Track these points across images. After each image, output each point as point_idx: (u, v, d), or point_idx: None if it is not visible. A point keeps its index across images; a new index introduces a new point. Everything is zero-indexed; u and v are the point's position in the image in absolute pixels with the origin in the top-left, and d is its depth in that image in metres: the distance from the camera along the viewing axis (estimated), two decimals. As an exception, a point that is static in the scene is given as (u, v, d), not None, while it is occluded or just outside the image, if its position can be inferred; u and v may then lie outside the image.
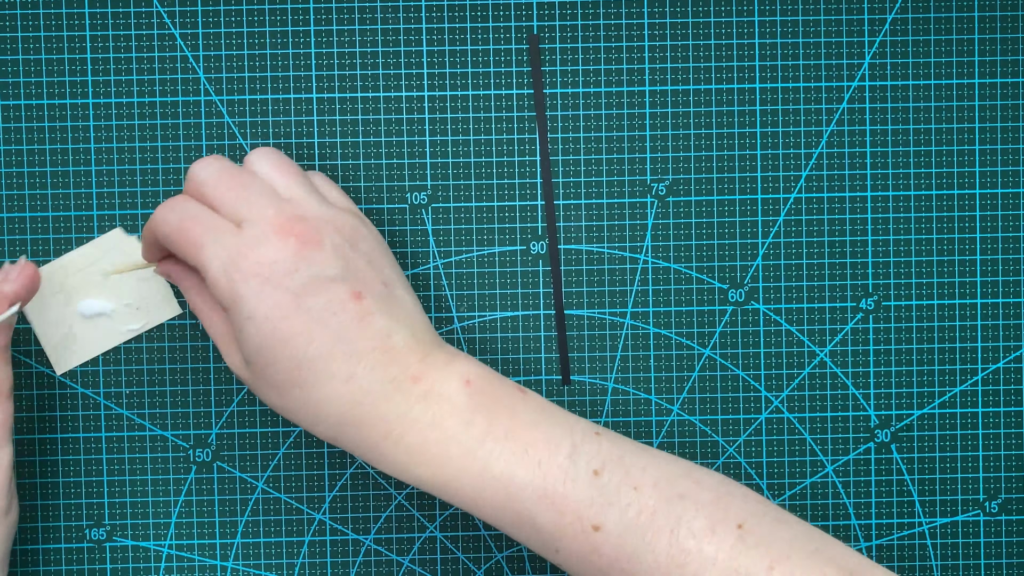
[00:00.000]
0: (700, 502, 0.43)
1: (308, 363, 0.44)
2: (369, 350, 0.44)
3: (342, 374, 0.44)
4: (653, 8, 0.53)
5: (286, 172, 0.47)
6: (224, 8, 0.52)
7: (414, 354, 0.45)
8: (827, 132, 0.53)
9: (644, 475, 0.44)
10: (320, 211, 0.45)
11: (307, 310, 0.44)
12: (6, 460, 0.48)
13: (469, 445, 0.44)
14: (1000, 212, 0.54)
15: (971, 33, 0.53)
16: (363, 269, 0.45)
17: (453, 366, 0.45)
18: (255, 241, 0.44)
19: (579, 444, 0.44)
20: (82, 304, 0.52)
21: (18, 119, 0.52)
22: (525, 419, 0.45)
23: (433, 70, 0.53)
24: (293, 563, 0.54)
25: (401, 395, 0.44)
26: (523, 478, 0.44)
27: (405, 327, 0.45)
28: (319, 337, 0.44)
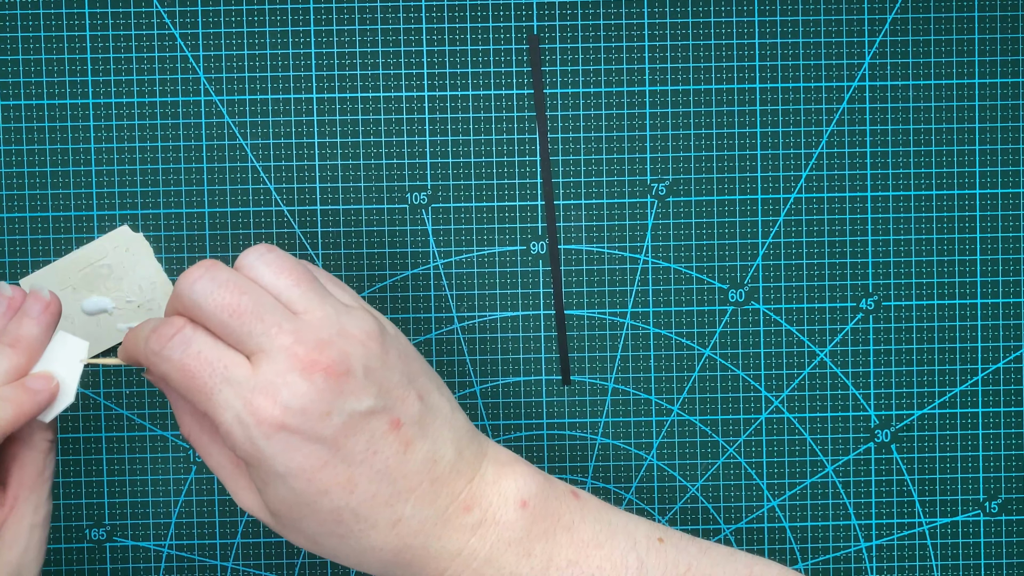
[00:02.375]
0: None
1: (350, 514, 0.39)
2: (415, 487, 0.39)
3: (388, 519, 0.39)
4: (653, 8, 0.53)
5: (292, 276, 0.40)
6: (224, 8, 0.52)
7: (462, 476, 0.40)
8: (827, 132, 0.53)
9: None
10: (341, 324, 0.39)
11: (346, 455, 0.38)
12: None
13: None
14: (1000, 212, 0.54)
15: (971, 33, 0.53)
16: (397, 387, 0.39)
17: (504, 483, 0.41)
18: (275, 385, 0.37)
19: (644, 558, 0.41)
20: (86, 301, 0.52)
21: (18, 119, 0.52)
22: (586, 538, 0.41)
23: (433, 70, 0.53)
24: (293, 563, 0.54)
25: (452, 529, 0.40)
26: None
27: (449, 445, 0.40)
28: (362, 483, 0.38)
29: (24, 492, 0.43)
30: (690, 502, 0.54)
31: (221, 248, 0.53)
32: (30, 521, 0.42)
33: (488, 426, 0.54)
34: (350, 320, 0.39)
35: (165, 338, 0.39)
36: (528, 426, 0.54)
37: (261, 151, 0.53)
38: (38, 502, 0.43)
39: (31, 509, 0.43)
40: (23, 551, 0.42)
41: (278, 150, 0.53)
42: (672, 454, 0.54)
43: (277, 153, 0.53)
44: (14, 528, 0.42)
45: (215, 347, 0.38)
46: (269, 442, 0.37)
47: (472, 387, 0.54)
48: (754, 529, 0.54)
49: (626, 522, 0.42)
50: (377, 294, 0.53)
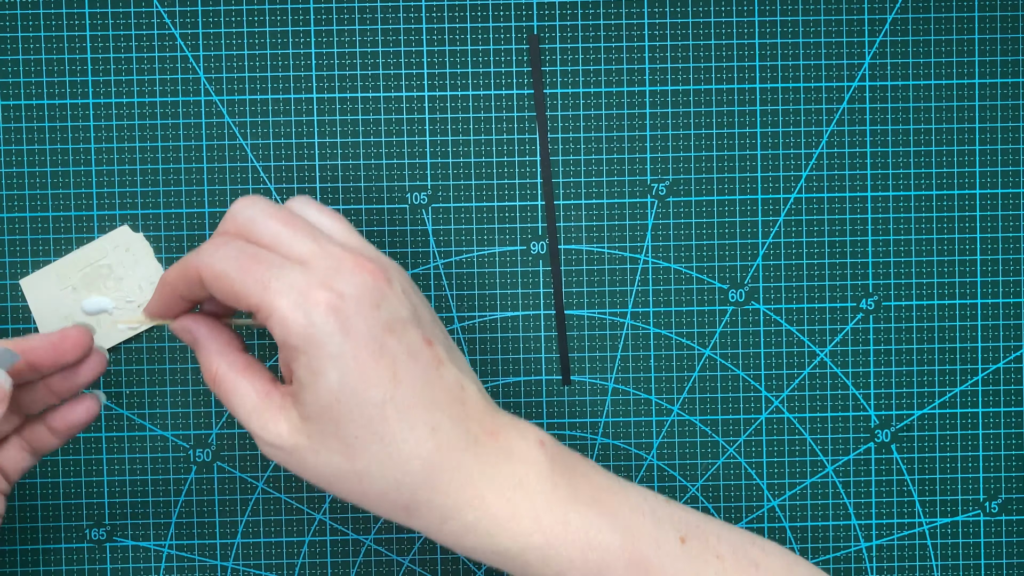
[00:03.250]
0: (773, 570, 0.43)
1: (394, 409, 0.40)
2: (448, 401, 0.41)
3: (428, 424, 0.40)
4: (653, 8, 0.53)
5: (333, 217, 0.43)
6: (224, 8, 0.52)
7: (486, 410, 0.42)
8: (827, 132, 0.53)
9: (721, 543, 0.43)
10: (379, 253, 0.43)
11: (392, 350, 0.40)
12: None
13: (559, 510, 0.41)
14: (1000, 212, 0.54)
15: (971, 33, 0.53)
16: (423, 315, 0.42)
17: (522, 425, 0.43)
18: (330, 273, 0.40)
19: (657, 510, 0.43)
20: (86, 301, 0.52)
21: (18, 119, 0.52)
22: (602, 483, 0.43)
23: (433, 70, 0.53)
24: (293, 563, 0.54)
25: (485, 453, 0.41)
26: (616, 545, 0.41)
27: (471, 381, 0.42)
28: (406, 380, 0.40)
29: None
30: (690, 502, 0.54)
31: (221, 248, 0.53)
32: None
33: (488, 426, 0.54)
34: (381, 256, 0.43)
35: (215, 242, 0.41)
36: (528, 426, 0.54)
37: (261, 151, 0.53)
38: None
39: None
40: None
41: (278, 150, 0.53)
42: (672, 454, 0.54)
43: (277, 153, 0.53)
44: None
45: (267, 249, 0.41)
46: (327, 321, 0.39)
47: (472, 387, 0.54)
48: (754, 529, 0.54)
49: (630, 483, 0.44)
50: (377, 294, 0.53)
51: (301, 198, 0.44)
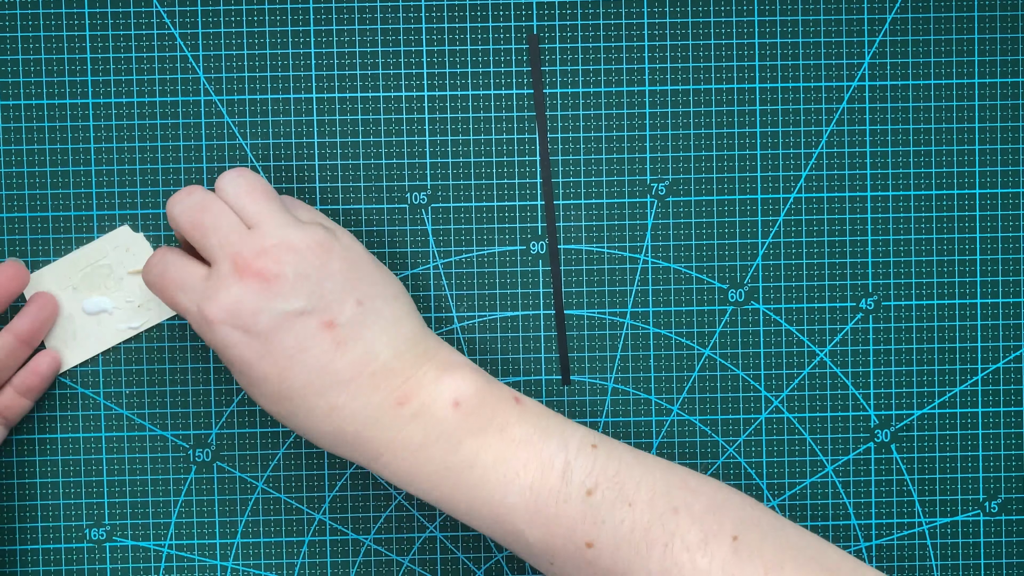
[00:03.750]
0: (694, 514, 0.43)
1: (287, 399, 0.44)
2: (349, 379, 0.44)
3: (322, 407, 0.44)
4: (653, 8, 0.53)
5: (255, 196, 0.46)
6: (224, 8, 0.52)
7: (398, 375, 0.45)
8: (827, 132, 0.53)
9: (639, 490, 0.44)
10: (284, 234, 0.45)
11: (279, 349, 0.44)
12: None
13: (459, 469, 0.44)
14: (1000, 212, 0.54)
15: (971, 33, 0.53)
16: (332, 292, 0.45)
17: (442, 383, 0.45)
18: (217, 287, 0.44)
19: (572, 461, 0.44)
20: (87, 301, 0.52)
21: (18, 119, 0.52)
22: (517, 436, 0.45)
23: (433, 70, 0.53)
24: (293, 563, 0.54)
25: (388, 419, 0.44)
26: (514, 501, 0.44)
27: (386, 347, 0.45)
28: (294, 375, 0.44)
29: None
30: (690, 502, 0.54)
31: (221, 248, 0.53)
32: None
33: (488, 426, 0.54)
34: (296, 232, 0.45)
35: (154, 262, 0.47)
36: (528, 426, 0.54)
37: (261, 151, 0.53)
38: None
39: None
40: None
41: (278, 150, 0.53)
42: (672, 454, 0.54)
43: (277, 153, 0.53)
44: None
45: (182, 259, 0.46)
46: (214, 336, 0.44)
47: (472, 387, 0.54)
48: (754, 529, 0.54)
49: (563, 427, 0.45)
50: (377, 294, 0.53)
51: (229, 176, 0.47)
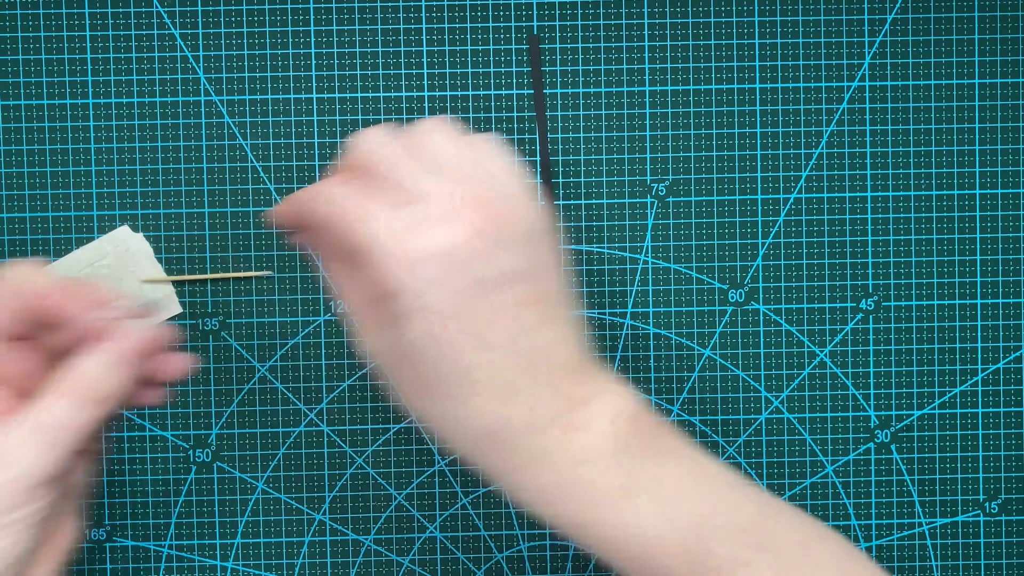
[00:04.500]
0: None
1: (466, 370, 0.39)
2: (528, 367, 0.39)
3: (497, 387, 0.39)
4: (653, 8, 0.53)
5: (463, 147, 0.41)
6: (224, 8, 0.52)
7: (569, 378, 0.40)
8: (827, 132, 0.53)
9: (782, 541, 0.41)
10: (499, 195, 0.40)
11: (478, 310, 0.38)
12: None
13: (609, 495, 0.40)
14: (1000, 212, 0.54)
15: (971, 33, 0.53)
16: (537, 270, 0.40)
17: (605, 399, 0.40)
18: (427, 223, 0.38)
19: (718, 505, 0.41)
20: (82, 304, 0.52)
21: (18, 119, 0.52)
22: (672, 472, 0.41)
23: (433, 70, 0.53)
24: (293, 563, 0.54)
25: (548, 425, 0.40)
26: (666, 536, 0.40)
27: (566, 343, 0.40)
28: (487, 342, 0.39)
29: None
30: (690, 502, 0.54)
31: (221, 248, 0.53)
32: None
33: (488, 426, 0.54)
34: (515, 191, 0.40)
35: (327, 190, 0.40)
36: (528, 426, 0.54)
37: (261, 151, 0.53)
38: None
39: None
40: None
41: (278, 150, 0.53)
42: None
43: (277, 153, 0.53)
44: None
45: (373, 189, 0.39)
46: (412, 274, 0.38)
47: (472, 387, 0.53)
48: (754, 529, 0.54)
49: (713, 467, 0.41)
50: (377, 294, 0.53)
51: (434, 122, 0.42)
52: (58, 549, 0.42)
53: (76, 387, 0.40)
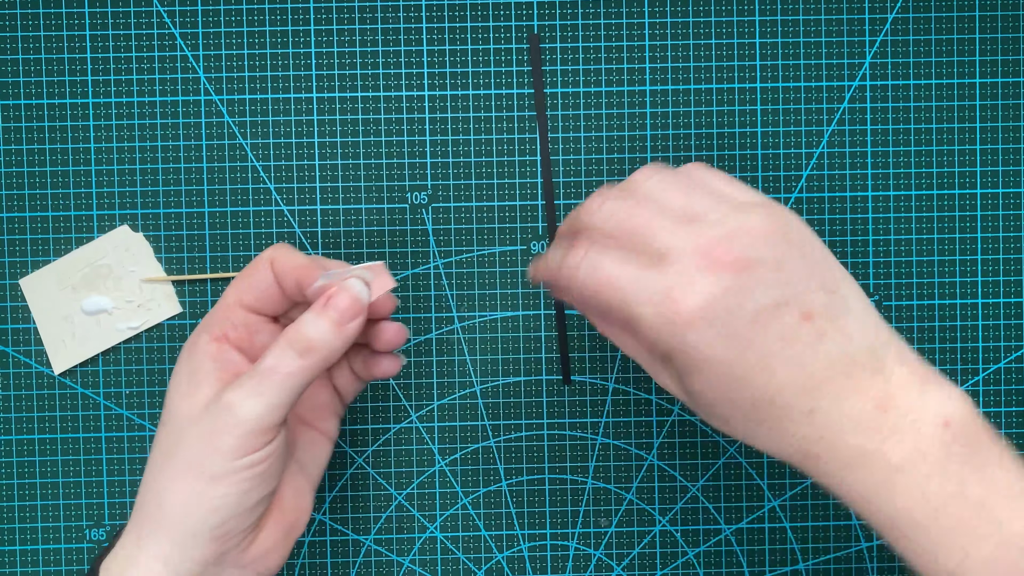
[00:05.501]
0: None
1: (767, 402, 0.39)
2: (828, 379, 0.39)
3: (803, 409, 0.39)
4: (653, 8, 0.53)
5: (680, 187, 0.42)
6: (224, 8, 0.52)
7: (877, 375, 0.39)
8: (828, 132, 0.53)
9: None
10: (740, 222, 0.40)
11: (760, 345, 0.39)
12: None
13: (937, 501, 0.38)
14: (1001, 212, 0.54)
15: (971, 33, 0.53)
16: (803, 279, 0.40)
17: (928, 395, 0.39)
18: (685, 282, 0.39)
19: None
20: (86, 301, 0.52)
21: (18, 119, 0.52)
22: (1001, 483, 0.39)
23: (433, 70, 0.53)
24: (293, 563, 0.54)
25: (867, 428, 0.39)
26: (986, 555, 0.38)
27: (862, 341, 0.40)
28: (778, 372, 0.39)
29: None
30: (691, 502, 0.54)
31: (221, 248, 0.53)
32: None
33: (488, 426, 0.54)
34: (748, 217, 0.40)
35: (574, 266, 0.42)
36: (528, 426, 0.54)
37: (261, 151, 0.53)
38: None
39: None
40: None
41: (278, 150, 0.53)
42: (672, 454, 0.54)
43: (277, 153, 0.53)
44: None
45: (622, 260, 0.41)
46: (685, 337, 0.39)
47: (472, 387, 0.54)
48: (755, 529, 0.54)
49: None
50: (377, 294, 0.53)
51: (642, 174, 0.43)
52: (286, 522, 0.45)
53: (286, 337, 0.43)
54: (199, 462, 0.42)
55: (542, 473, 0.54)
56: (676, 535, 0.54)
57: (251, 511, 0.43)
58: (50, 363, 0.53)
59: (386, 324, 0.46)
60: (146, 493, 0.43)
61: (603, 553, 0.54)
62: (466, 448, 0.54)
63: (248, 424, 0.42)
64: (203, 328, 0.45)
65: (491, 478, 0.54)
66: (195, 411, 0.43)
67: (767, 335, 0.39)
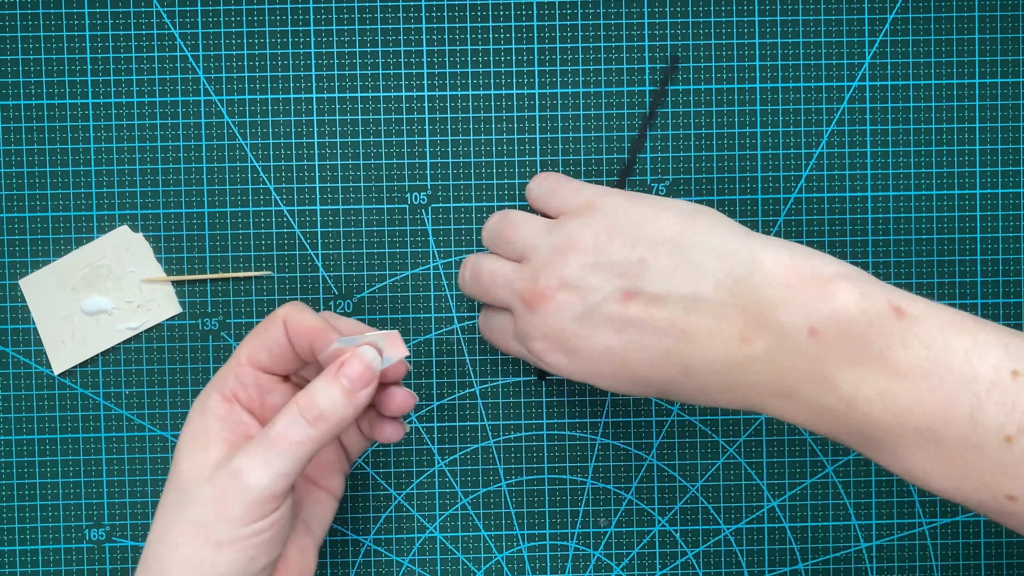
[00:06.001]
0: None
1: (644, 383, 0.43)
2: (678, 334, 0.41)
3: (677, 369, 0.42)
4: (653, 8, 0.53)
5: (507, 236, 0.47)
6: (224, 8, 0.52)
7: (729, 306, 0.41)
8: (827, 132, 0.53)
9: None
10: (542, 255, 0.45)
11: (602, 346, 0.43)
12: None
13: (837, 411, 0.39)
14: (1000, 212, 0.54)
15: (971, 33, 0.53)
16: (616, 262, 0.43)
17: (790, 308, 0.40)
18: (521, 324, 0.45)
19: (984, 396, 0.37)
20: (86, 302, 0.52)
21: (18, 119, 0.52)
22: (902, 365, 0.38)
23: (433, 70, 0.53)
24: (293, 563, 0.54)
25: (743, 363, 0.41)
26: (908, 446, 0.38)
27: (703, 277, 0.41)
28: (633, 360, 0.42)
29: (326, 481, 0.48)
30: (690, 502, 0.54)
31: (221, 248, 0.53)
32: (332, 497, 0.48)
33: (488, 426, 0.54)
34: (553, 239, 0.45)
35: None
36: (528, 426, 0.54)
37: (261, 151, 0.53)
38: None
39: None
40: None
41: (278, 150, 0.53)
42: (672, 454, 0.54)
43: (277, 153, 0.53)
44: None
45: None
46: (547, 362, 0.45)
47: (472, 387, 0.54)
48: (754, 529, 0.54)
49: (969, 349, 0.38)
50: (377, 294, 0.53)
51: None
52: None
53: (297, 404, 0.43)
54: (205, 527, 0.42)
55: (541, 473, 0.54)
56: (675, 535, 0.54)
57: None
58: (50, 363, 0.53)
59: (395, 390, 0.46)
60: (150, 556, 0.43)
61: (602, 553, 0.54)
62: (465, 448, 0.54)
63: (256, 492, 0.42)
64: (213, 386, 0.45)
65: (490, 478, 0.54)
66: (203, 474, 0.43)
67: (601, 336, 0.43)
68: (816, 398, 0.40)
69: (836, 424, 0.40)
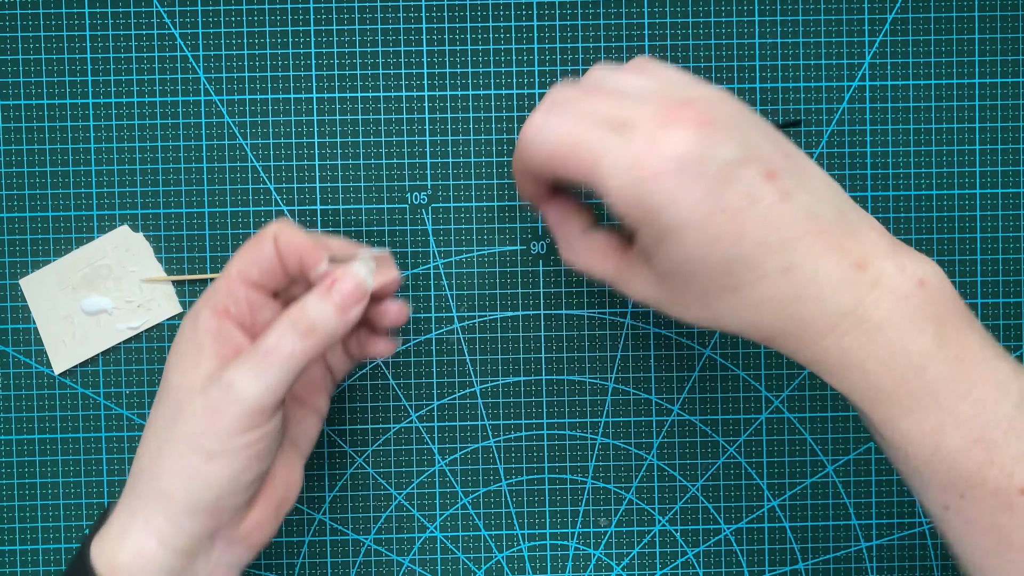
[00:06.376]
0: None
1: (741, 261, 0.39)
2: (799, 237, 0.39)
3: (778, 267, 0.39)
4: (653, 8, 0.53)
5: (635, 71, 0.43)
6: (224, 8, 0.52)
7: (850, 235, 0.40)
8: (827, 132, 0.53)
9: None
10: (697, 89, 0.41)
11: (728, 203, 0.39)
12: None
13: (917, 360, 0.39)
14: (1000, 212, 0.54)
15: (971, 33, 0.53)
16: (761, 142, 0.40)
17: (902, 257, 0.39)
18: (650, 143, 0.39)
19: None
20: (86, 301, 0.52)
21: (18, 119, 0.52)
22: (975, 344, 0.39)
23: (433, 70, 0.53)
24: (293, 563, 0.54)
25: (846, 284, 0.39)
26: (964, 414, 0.39)
27: (828, 204, 0.40)
28: (748, 231, 0.39)
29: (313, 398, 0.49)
30: (690, 502, 0.54)
31: (221, 248, 0.53)
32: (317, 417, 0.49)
33: (488, 426, 0.54)
34: (701, 90, 0.41)
35: (535, 124, 0.42)
36: (528, 426, 0.54)
37: (261, 151, 0.53)
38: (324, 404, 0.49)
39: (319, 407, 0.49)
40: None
41: (278, 150, 0.53)
42: (672, 454, 0.54)
43: (277, 153, 0.53)
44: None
45: (590, 122, 0.41)
46: (653, 197, 0.39)
47: (472, 387, 0.54)
48: (754, 529, 0.54)
49: (1004, 350, 0.40)
50: (377, 294, 0.53)
51: (598, 69, 0.44)
52: (277, 497, 0.46)
53: (289, 317, 0.43)
54: (197, 439, 0.42)
55: (542, 473, 0.54)
56: (676, 535, 0.54)
57: (246, 488, 0.43)
58: (50, 363, 0.53)
59: (388, 304, 0.47)
60: (140, 468, 0.44)
61: (603, 553, 0.54)
62: (466, 448, 0.54)
63: (248, 403, 0.42)
64: (204, 302, 0.45)
65: (491, 478, 0.54)
66: (194, 386, 0.43)
67: (733, 192, 0.39)
68: (900, 341, 0.39)
69: (896, 374, 0.39)
